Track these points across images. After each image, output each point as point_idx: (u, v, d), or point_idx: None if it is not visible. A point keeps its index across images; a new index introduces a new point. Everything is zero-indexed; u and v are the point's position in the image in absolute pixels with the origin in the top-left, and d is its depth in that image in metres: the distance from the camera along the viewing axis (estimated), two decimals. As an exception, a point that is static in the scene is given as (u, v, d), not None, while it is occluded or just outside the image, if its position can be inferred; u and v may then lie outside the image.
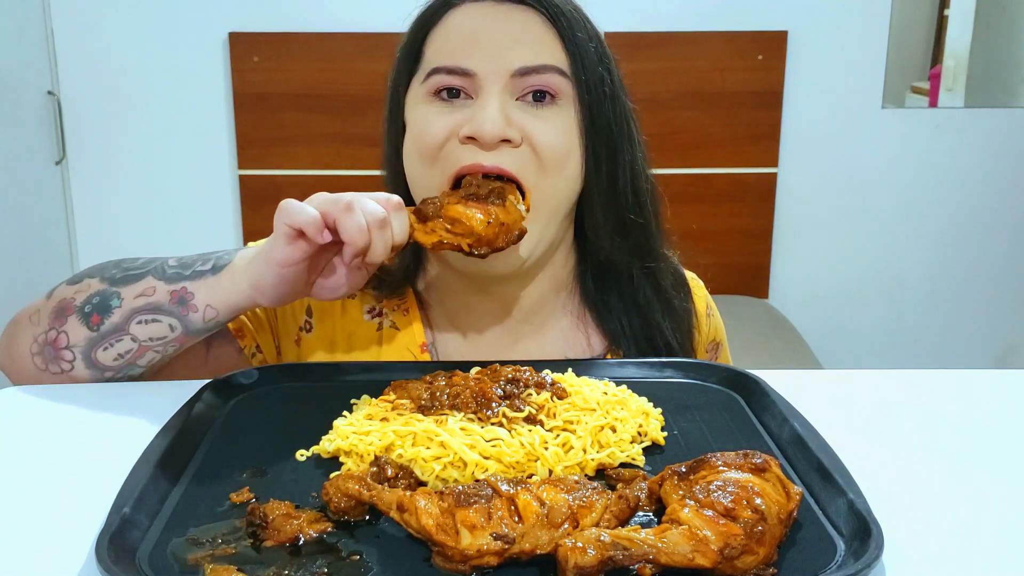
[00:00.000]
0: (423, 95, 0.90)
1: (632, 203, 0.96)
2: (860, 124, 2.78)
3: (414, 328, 0.99)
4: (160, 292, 0.86)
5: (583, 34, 0.90)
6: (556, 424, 0.71)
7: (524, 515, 0.55)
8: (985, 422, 0.81)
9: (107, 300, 0.87)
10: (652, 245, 0.99)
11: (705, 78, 2.71)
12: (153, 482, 0.63)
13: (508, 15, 0.89)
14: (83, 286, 0.88)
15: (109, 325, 0.86)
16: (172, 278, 0.86)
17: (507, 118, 0.86)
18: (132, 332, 0.86)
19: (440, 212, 0.82)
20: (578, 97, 0.90)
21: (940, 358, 2.92)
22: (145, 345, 0.87)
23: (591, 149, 0.91)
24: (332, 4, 2.67)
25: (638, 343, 0.98)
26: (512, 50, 0.87)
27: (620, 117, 0.93)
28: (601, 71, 0.91)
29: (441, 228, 0.82)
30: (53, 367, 0.88)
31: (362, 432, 0.70)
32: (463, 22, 0.90)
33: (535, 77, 0.88)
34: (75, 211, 2.80)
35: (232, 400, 0.81)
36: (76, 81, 2.71)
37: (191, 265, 0.87)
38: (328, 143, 2.72)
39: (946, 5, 2.78)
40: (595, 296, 1.00)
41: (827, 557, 0.56)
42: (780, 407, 0.75)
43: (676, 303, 1.01)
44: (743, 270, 2.86)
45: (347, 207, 0.77)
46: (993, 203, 2.83)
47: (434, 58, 0.90)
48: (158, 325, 0.86)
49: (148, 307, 0.86)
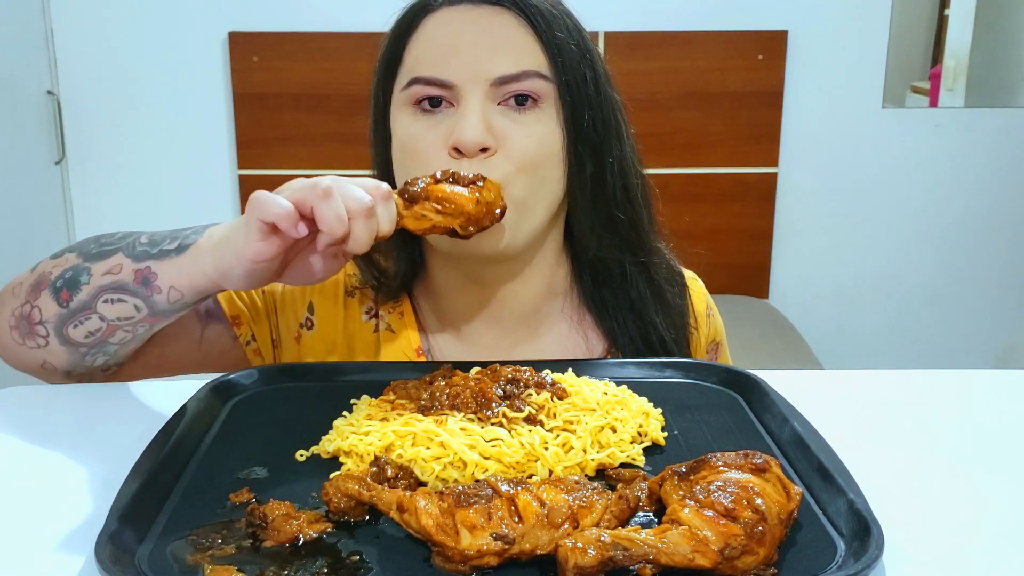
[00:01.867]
0: (405, 102, 0.90)
1: (622, 199, 0.95)
2: (860, 124, 2.78)
3: (409, 332, 0.98)
4: (126, 270, 0.83)
5: (563, 33, 0.89)
6: (556, 424, 0.71)
7: (524, 515, 0.55)
8: (985, 422, 0.81)
9: (77, 276, 0.85)
10: (643, 239, 0.98)
11: (705, 78, 2.71)
12: (153, 482, 0.63)
13: (486, 20, 0.88)
14: (61, 260, 0.87)
15: (77, 302, 0.84)
16: (139, 256, 0.84)
17: (488, 126, 0.86)
18: (99, 311, 0.84)
19: (427, 193, 0.80)
20: (560, 99, 0.89)
21: (940, 358, 2.92)
22: (113, 324, 0.85)
23: (574, 149, 0.90)
24: (332, 4, 2.67)
25: (633, 340, 0.98)
26: (491, 59, 0.87)
27: (607, 113, 0.92)
28: (583, 69, 0.90)
29: (431, 210, 0.79)
30: (29, 342, 0.88)
31: (362, 432, 0.70)
32: (441, 30, 0.89)
33: (515, 84, 0.87)
34: (75, 211, 2.80)
35: (232, 400, 0.81)
36: (76, 81, 2.71)
37: (159, 243, 0.84)
38: (328, 143, 2.72)
39: (946, 5, 2.78)
40: (591, 295, 0.99)
41: (827, 557, 0.56)
42: (780, 407, 0.75)
43: (670, 297, 1.00)
44: (743, 270, 2.86)
45: (325, 193, 0.72)
46: (993, 203, 2.83)
47: (414, 67, 0.89)
48: (123, 305, 0.84)
49: (114, 286, 0.83)
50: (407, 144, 0.89)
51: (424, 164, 0.87)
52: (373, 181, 0.76)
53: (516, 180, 0.86)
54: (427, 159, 0.87)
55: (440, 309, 1.00)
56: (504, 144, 0.86)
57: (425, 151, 0.87)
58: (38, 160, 2.64)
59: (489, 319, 0.99)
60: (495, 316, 0.99)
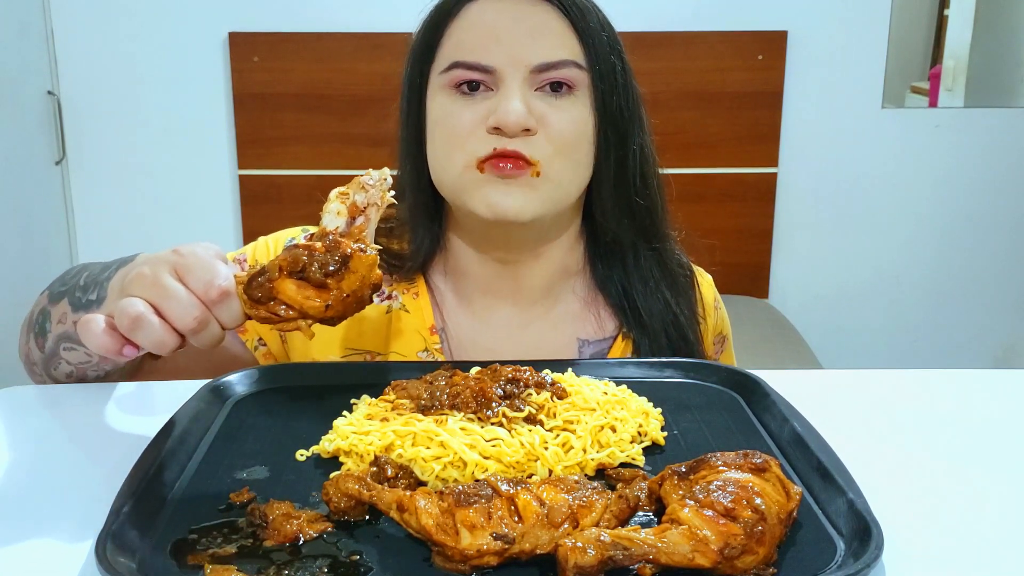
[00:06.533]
0: (443, 86, 0.93)
1: (640, 185, 1.00)
2: (860, 124, 2.78)
3: (424, 311, 1.01)
4: (69, 319, 0.85)
5: (596, 24, 0.94)
6: (556, 424, 0.71)
7: (524, 515, 0.55)
8: (984, 422, 0.81)
9: (44, 322, 0.89)
10: (658, 226, 1.03)
11: (705, 78, 2.71)
12: (153, 482, 0.63)
13: (525, 10, 0.92)
14: (40, 299, 0.91)
15: (48, 350, 0.89)
16: (75, 304, 0.84)
17: (528, 108, 0.90)
18: (63, 357, 0.88)
19: (271, 293, 0.69)
20: (592, 86, 0.94)
21: (940, 358, 2.92)
22: (81, 367, 0.88)
23: (603, 134, 0.95)
24: (332, 4, 2.67)
25: (643, 319, 1.01)
26: (530, 46, 0.91)
27: (631, 102, 0.98)
28: (613, 59, 0.95)
29: (280, 309, 0.69)
30: (35, 377, 0.94)
31: (362, 432, 0.70)
32: (482, 17, 0.93)
33: (553, 72, 0.91)
34: (75, 211, 2.80)
35: (232, 400, 0.81)
36: (76, 81, 2.71)
37: (88, 288, 0.83)
38: (328, 143, 2.72)
39: (946, 5, 2.78)
40: (605, 276, 1.03)
41: (827, 557, 0.56)
42: (780, 407, 0.75)
43: (681, 280, 1.05)
44: (743, 270, 2.86)
45: (132, 324, 0.66)
46: (993, 203, 2.83)
47: (454, 51, 0.93)
48: (76, 353, 0.86)
49: (65, 335, 0.86)
50: (445, 123, 0.93)
51: (463, 142, 0.91)
52: (211, 272, 0.69)
53: (554, 160, 0.91)
54: (466, 137, 0.91)
55: (456, 287, 1.03)
56: (544, 127, 0.91)
57: (464, 129, 0.91)
58: (38, 160, 2.64)
59: (504, 296, 1.02)
60: (510, 294, 1.02)
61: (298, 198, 2.75)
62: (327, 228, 0.72)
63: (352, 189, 0.75)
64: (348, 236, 0.72)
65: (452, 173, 0.93)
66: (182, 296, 0.67)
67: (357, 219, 0.74)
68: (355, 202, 0.74)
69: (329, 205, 0.74)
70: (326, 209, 0.74)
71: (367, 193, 0.75)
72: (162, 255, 0.71)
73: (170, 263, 0.69)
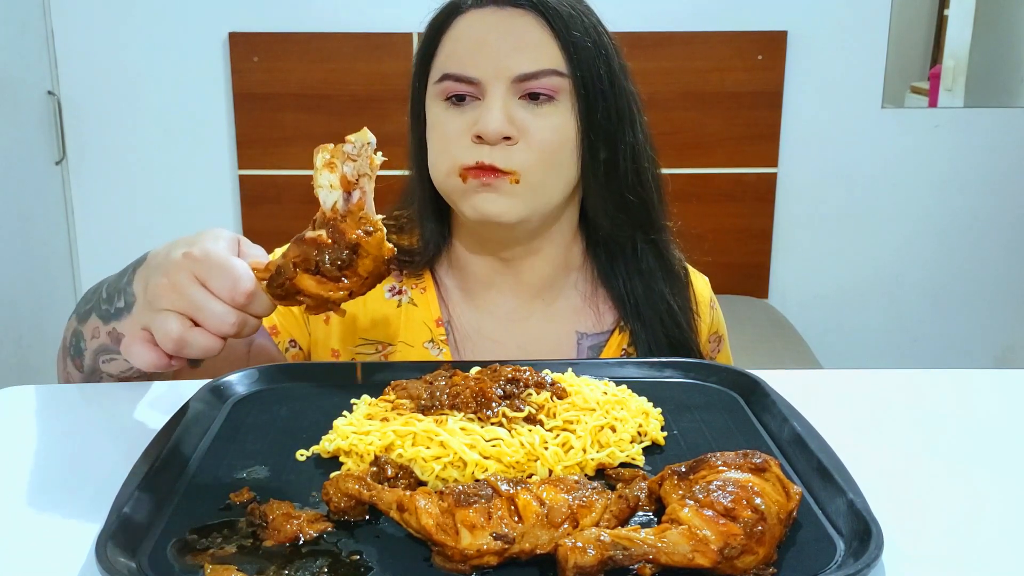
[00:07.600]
0: (437, 95, 0.99)
1: (633, 182, 1.02)
2: (860, 124, 2.78)
3: (431, 305, 1.06)
4: (102, 333, 0.86)
5: (580, 32, 0.97)
6: (556, 424, 0.71)
7: (524, 515, 0.55)
8: (984, 422, 0.81)
9: (78, 342, 0.90)
10: (654, 218, 1.06)
11: (705, 78, 2.71)
12: (153, 482, 0.63)
13: (508, 22, 0.96)
14: (70, 323, 0.92)
15: (87, 367, 0.90)
16: (105, 316, 0.85)
17: (509, 117, 0.94)
18: (104, 370, 0.89)
19: (294, 289, 0.72)
20: (575, 92, 0.97)
21: (939, 358, 2.92)
22: (123, 376, 0.90)
23: (587, 138, 0.98)
24: (332, 4, 2.67)
25: (641, 309, 1.05)
26: (513, 58, 0.95)
27: (621, 104, 1.00)
28: (598, 65, 0.97)
29: (303, 300, 0.72)
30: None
31: (362, 432, 0.70)
32: (469, 30, 0.98)
33: (533, 82, 0.95)
34: (75, 211, 2.80)
35: (232, 400, 0.82)
36: (76, 81, 2.71)
37: (112, 299, 0.85)
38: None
39: (946, 5, 2.78)
40: (604, 270, 1.07)
41: (827, 557, 0.56)
42: (780, 407, 0.75)
43: (678, 270, 1.09)
44: (743, 270, 2.86)
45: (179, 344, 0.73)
46: (993, 203, 2.83)
47: (445, 63, 0.98)
48: (116, 363, 0.87)
49: (102, 348, 0.87)
50: (437, 131, 0.99)
51: (451, 149, 0.96)
52: (231, 277, 0.72)
53: (535, 166, 0.95)
54: (453, 145, 0.96)
55: (461, 281, 1.08)
56: (524, 134, 0.95)
57: (452, 137, 0.97)
58: (38, 160, 2.64)
59: (507, 290, 1.07)
60: (513, 288, 1.06)
61: (298, 198, 2.75)
62: (326, 210, 0.72)
63: (338, 159, 0.74)
64: (349, 216, 0.72)
65: (441, 178, 0.99)
66: (215, 306, 0.72)
67: (353, 194, 0.73)
68: (344, 174, 0.73)
69: (319, 178, 0.73)
70: (317, 183, 0.73)
71: (355, 163, 0.74)
72: (176, 259, 0.73)
73: (189, 270, 0.72)
